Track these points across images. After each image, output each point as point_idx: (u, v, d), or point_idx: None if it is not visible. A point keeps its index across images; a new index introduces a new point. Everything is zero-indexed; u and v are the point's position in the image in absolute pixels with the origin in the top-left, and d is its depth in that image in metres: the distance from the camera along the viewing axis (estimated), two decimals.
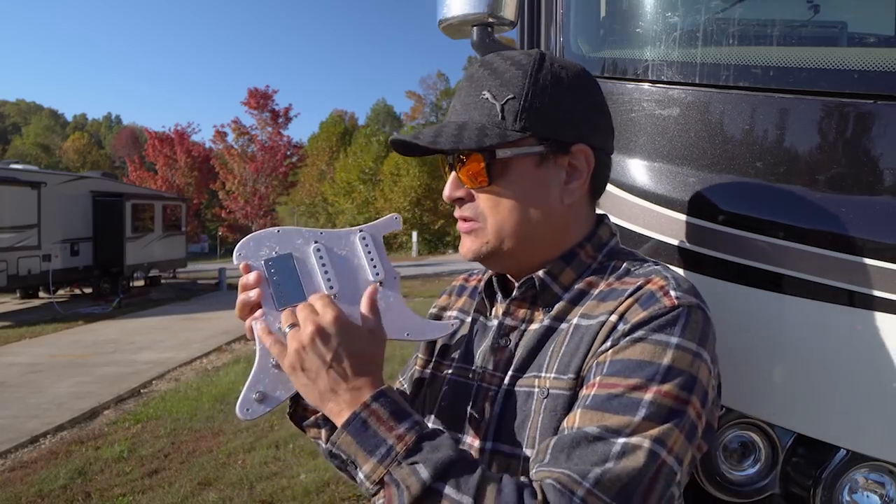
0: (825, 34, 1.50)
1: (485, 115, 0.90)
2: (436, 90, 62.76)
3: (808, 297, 1.11)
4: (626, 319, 0.83)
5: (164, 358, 9.10)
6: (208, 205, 36.10)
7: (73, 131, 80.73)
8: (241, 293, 0.92)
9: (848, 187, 1.13)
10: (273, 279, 0.92)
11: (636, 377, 0.77)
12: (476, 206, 0.93)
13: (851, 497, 1.13)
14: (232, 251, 0.98)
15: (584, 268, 0.95)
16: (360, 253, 0.97)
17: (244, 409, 0.88)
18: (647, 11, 1.39)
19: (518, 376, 0.90)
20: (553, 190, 0.93)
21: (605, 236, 0.99)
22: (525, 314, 0.95)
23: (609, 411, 0.76)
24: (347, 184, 41.68)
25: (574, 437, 0.75)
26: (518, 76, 0.90)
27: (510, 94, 0.89)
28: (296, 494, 4.40)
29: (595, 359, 0.83)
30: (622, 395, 0.76)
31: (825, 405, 1.13)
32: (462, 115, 0.93)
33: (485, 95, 0.91)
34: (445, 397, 0.99)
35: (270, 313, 0.90)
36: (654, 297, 0.84)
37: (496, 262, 0.96)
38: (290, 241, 0.95)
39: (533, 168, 0.91)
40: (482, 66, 0.94)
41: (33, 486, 4.71)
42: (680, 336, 0.80)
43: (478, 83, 0.93)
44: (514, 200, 0.91)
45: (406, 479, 0.73)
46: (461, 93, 0.95)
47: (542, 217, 0.93)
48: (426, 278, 18.75)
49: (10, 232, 13.58)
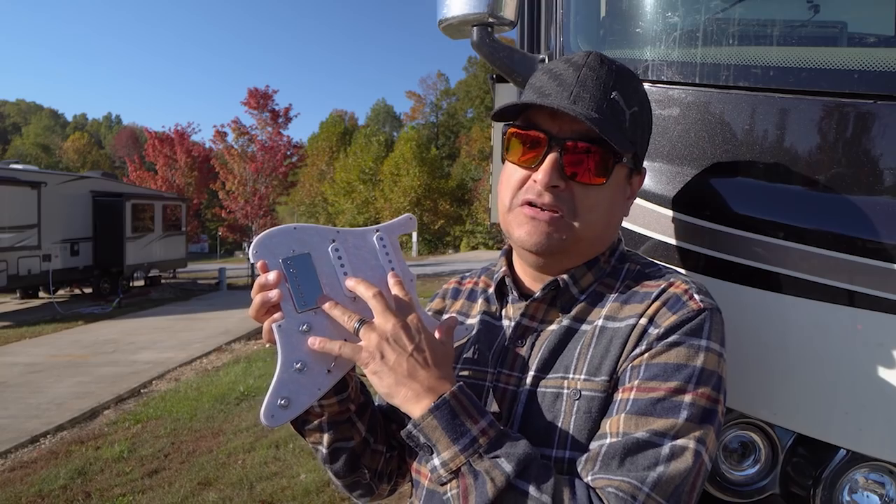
0: (825, 34, 1.50)
1: (615, 117, 0.89)
2: (436, 90, 62.85)
3: (809, 297, 1.11)
4: (656, 323, 0.85)
5: (164, 358, 9.09)
6: (208, 205, 36.06)
7: (73, 131, 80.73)
8: (257, 292, 0.88)
9: (848, 187, 1.13)
10: (292, 279, 0.88)
11: (675, 380, 0.81)
12: (570, 198, 0.90)
13: (851, 497, 1.13)
14: (232, 251, 0.97)
15: (600, 272, 0.97)
16: (378, 253, 0.95)
17: (269, 416, 0.84)
18: (647, 11, 1.39)
19: (541, 377, 0.90)
20: (624, 204, 0.98)
21: (616, 242, 1.01)
22: (542, 315, 0.96)
23: (654, 415, 0.79)
24: (347, 184, 41.67)
25: (625, 444, 0.78)
26: (637, 89, 0.94)
27: (635, 106, 0.91)
28: (296, 494, 4.40)
29: (629, 362, 0.85)
30: (664, 399, 0.80)
31: (825, 405, 1.13)
32: (591, 106, 0.88)
33: (614, 97, 0.90)
34: None
35: (291, 314, 0.87)
36: (680, 300, 0.87)
37: (553, 258, 0.93)
38: (308, 240, 0.91)
39: (624, 178, 0.95)
40: (602, 64, 0.91)
41: (33, 486, 4.71)
42: (708, 339, 0.84)
43: (603, 81, 0.90)
44: (608, 205, 0.93)
45: (490, 472, 0.75)
46: (586, 80, 0.89)
47: (612, 227, 0.97)
48: (426, 278, 18.73)
49: (10, 232, 13.58)
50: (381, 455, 1.08)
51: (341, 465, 1.04)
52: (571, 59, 0.93)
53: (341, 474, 1.06)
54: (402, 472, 1.13)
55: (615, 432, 0.80)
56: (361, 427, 1.04)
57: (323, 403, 0.98)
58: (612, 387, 0.85)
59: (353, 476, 1.06)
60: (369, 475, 1.07)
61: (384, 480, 1.10)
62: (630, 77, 0.94)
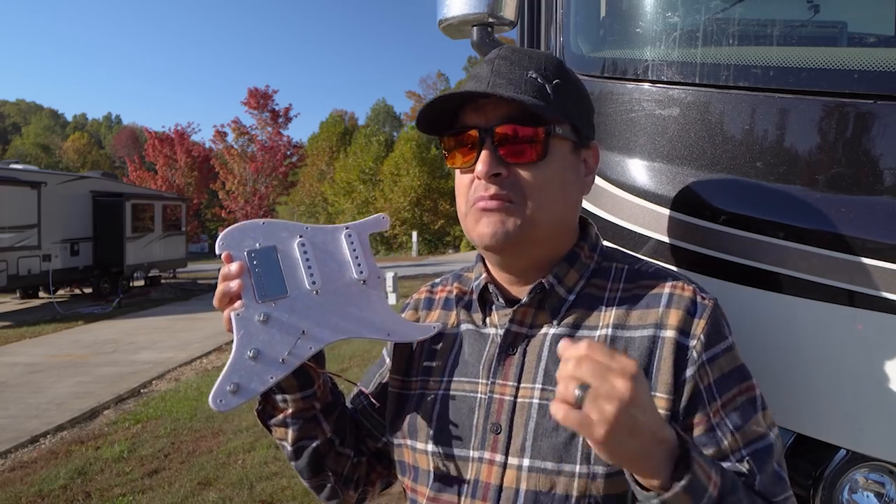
0: (825, 34, 1.50)
1: (536, 92, 0.88)
2: (436, 90, 62.79)
3: (809, 297, 1.11)
4: (692, 335, 0.87)
5: (164, 358, 9.09)
6: (208, 205, 36.08)
7: (73, 131, 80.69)
8: (221, 282, 0.91)
9: (848, 187, 1.13)
10: (255, 271, 0.91)
11: (740, 383, 0.87)
12: (515, 183, 0.88)
13: (851, 497, 1.13)
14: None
15: (584, 269, 0.95)
16: (346, 250, 0.96)
17: (217, 401, 0.87)
18: (647, 11, 1.39)
19: (550, 389, 0.87)
20: (579, 179, 0.95)
21: (594, 236, 1.00)
22: (531, 320, 0.93)
23: (749, 422, 0.85)
24: (347, 184, 41.64)
25: (755, 458, 0.84)
26: (555, 63, 0.93)
27: (556, 79, 0.90)
28: (296, 494, 4.40)
29: (692, 384, 0.85)
30: (745, 403, 0.87)
31: (825, 405, 1.13)
32: (509, 89, 0.87)
33: (532, 75, 0.89)
34: (445, 413, 0.94)
35: (251, 305, 0.90)
36: (696, 303, 0.89)
37: (516, 249, 0.91)
38: (275, 234, 0.94)
39: (568, 153, 0.92)
40: (513, 52, 0.93)
41: (33, 486, 4.71)
42: (730, 332, 0.91)
43: (518, 64, 0.90)
44: (555, 182, 0.90)
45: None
46: (499, 69, 0.90)
47: (570, 206, 0.94)
48: (426, 278, 18.72)
49: (10, 232, 13.58)
50: (348, 459, 1.06)
51: (305, 463, 1.03)
52: (488, 57, 0.95)
53: (305, 474, 1.05)
54: (371, 480, 1.11)
55: (735, 450, 0.84)
56: (327, 427, 1.02)
57: (287, 398, 0.98)
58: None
59: (317, 478, 1.05)
60: (334, 479, 1.05)
61: (350, 486, 1.08)
62: (548, 58, 0.94)
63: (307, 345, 0.90)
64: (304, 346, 0.90)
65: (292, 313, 0.90)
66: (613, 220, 1.29)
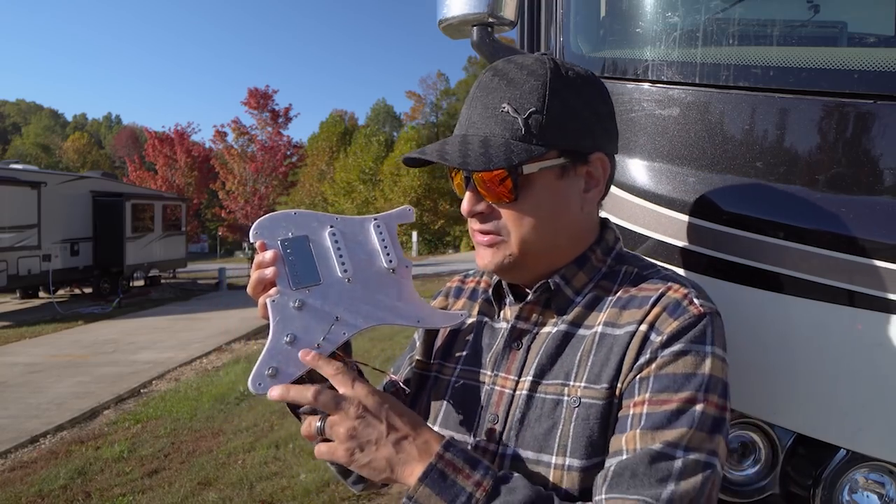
0: (825, 34, 1.50)
1: (507, 129, 0.87)
2: (436, 90, 62.84)
3: (808, 297, 1.11)
4: (658, 330, 0.84)
5: (164, 358, 9.10)
6: (208, 205, 36.07)
7: (73, 131, 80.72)
8: (255, 270, 0.92)
9: (848, 187, 1.13)
10: (289, 259, 0.92)
11: (685, 390, 0.80)
12: (498, 221, 0.92)
13: (851, 497, 1.13)
14: (232, 251, 0.99)
15: (594, 271, 0.96)
16: (374, 240, 0.98)
17: (256, 384, 0.88)
18: (646, 11, 1.39)
19: (539, 382, 0.90)
20: (574, 200, 0.93)
21: (611, 240, 1.00)
22: (537, 318, 0.95)
23: (666, 428, 0.78)
24: (347, 184, 41.63)
25: (639, 459, 0.77)
26: (537, 87, 0.88)
27: (531, 108, 0.87)
28: (296, 494, 4.40)
29: (635, 374, 0.83)
30: (676, 411, 0.79)
31: (825, 405, 1.13)
32: (482, 127, 0.90)
33: (505, 108, 0.88)
34: (453, 400, 0.99)
35: (285, 292, 0.91)
36: (680, 305, 0.85)
37: (516, 272, 0.95)
38: (306, 224, 0.96)
39: (555, 180, 0.91)
40: (495, 76, 0.92)
41: (33, 486, 4.71)
42: (712, 344, 0.83)
43: (494, 94, 0.90)
44: (539, 215, 0.91)
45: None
46: (475, 103, 0.92)
47: (564, 228, 0.94)
48: (426, 278, 18.72)
49: (10, 232, 13.59)
50: None
51: None
52: (480, 78, 0.95)
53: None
54: None
55: (631, 448, 0.79)
56: None
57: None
58: (613, 395, 0.84)
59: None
60: None
61: None
62: (534, 76, 0.90)
63: (341, 331, 0.92)
64: (338, 332, 0.92)
65: (326, 300, 0.92)
66: (613, 220, 1.29)
